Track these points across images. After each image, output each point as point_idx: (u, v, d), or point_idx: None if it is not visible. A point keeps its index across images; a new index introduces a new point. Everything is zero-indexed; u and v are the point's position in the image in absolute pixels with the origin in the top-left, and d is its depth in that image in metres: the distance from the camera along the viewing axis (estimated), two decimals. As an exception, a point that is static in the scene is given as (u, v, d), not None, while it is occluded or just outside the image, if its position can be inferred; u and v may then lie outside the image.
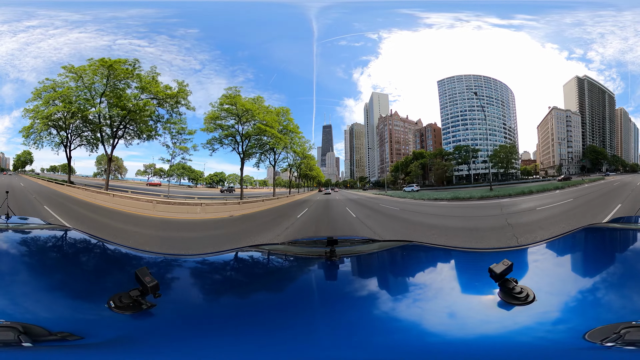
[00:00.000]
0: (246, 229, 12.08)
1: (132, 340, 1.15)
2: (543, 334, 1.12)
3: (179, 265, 2.06)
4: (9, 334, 1.00)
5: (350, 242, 2.51)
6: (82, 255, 2.09)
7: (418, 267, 2.14)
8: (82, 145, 19.25)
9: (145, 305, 1.28)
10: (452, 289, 1.67)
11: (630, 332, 0.99)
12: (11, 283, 1.45)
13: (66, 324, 1.16)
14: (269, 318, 1.32)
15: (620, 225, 2.61)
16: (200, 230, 11.88)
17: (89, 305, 1.37)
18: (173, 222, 12.70)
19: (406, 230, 11.25)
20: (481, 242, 8.66)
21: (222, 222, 13.62)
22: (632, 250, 2.04)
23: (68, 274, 1.69)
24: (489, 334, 1.18)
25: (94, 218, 12.35)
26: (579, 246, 2.28)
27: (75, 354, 1.03)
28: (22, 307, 1.27)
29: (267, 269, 2.15)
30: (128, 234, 9.92)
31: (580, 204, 13.51)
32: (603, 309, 1.25)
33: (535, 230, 9.36)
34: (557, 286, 1.54)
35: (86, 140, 19.04)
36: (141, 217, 12.85)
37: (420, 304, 1.47)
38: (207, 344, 1.11)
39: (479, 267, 1.77)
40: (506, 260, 1.35)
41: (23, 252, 1.92)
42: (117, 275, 1.77)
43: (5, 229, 2.34)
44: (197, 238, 10.50)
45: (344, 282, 1.82)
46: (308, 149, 25.83)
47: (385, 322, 1.30)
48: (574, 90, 26.16)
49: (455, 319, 1.29)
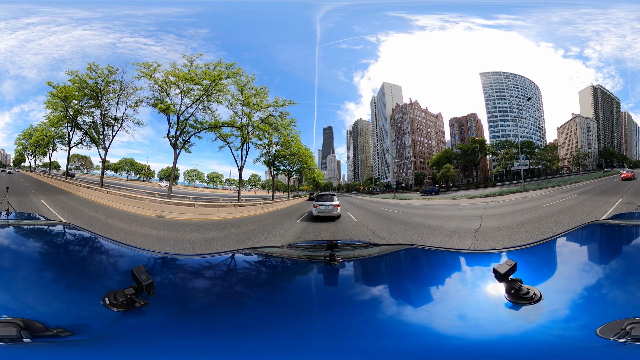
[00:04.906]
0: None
1: (119, 337, 1.14)
2: (560, 332, 1.11)
3: (175, 264, 2.05)
4: (11, 330, 1.02)
5: (350, 246, 2.49)
6: (82, 252, 2.08)
7: (421, 270, 2.11)
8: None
9: (138, 303, 1.28)
10: (458, 291, 1.65)
11: (635, 327, 1.00)
12: (12, 279, 1.46)
13: (62, 320, 1.16)
14: (264, 322, 1.30)
15: (622, 221, 2.60)
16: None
17: (84, 301, 1.38)
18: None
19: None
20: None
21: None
22: (634, 246, 2.03)
23: (66, 271, 1.70)
24: (508, 334, 1.17)
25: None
26: (581, 243, 2.27)
27: (63, 351, 1.03)
28: (23, 303, 1.28)
29: (264, 272, 2.13)
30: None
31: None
32: (608, 305, 1.25)
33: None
34: (562, 284, 1.53)
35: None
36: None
37: (426, 307, 1.44)
38: (196, 346, 1.10)
39: (483, 268, 1.75)
40: (510, 260, 1.34)
41: (23, 248, 1.92)
42: (114, 273, 1.77)
43: (6, 224, 2.34)
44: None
45: (344, 286, 1.79)
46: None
47: (392, 326, 1.28)
48: (590, 98, 31.01)
49: (466, 321, 1.27)
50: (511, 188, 23.14)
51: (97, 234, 2.27)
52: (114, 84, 19.39)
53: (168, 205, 15.44)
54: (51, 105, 20.00)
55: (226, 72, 19.10)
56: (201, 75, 18.58)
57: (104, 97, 19.67)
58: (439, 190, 27.09)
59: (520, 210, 14.62)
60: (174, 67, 18.41)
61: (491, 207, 16.82)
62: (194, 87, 18.80)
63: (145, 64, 18.18)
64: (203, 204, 16.71)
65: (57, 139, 23.12)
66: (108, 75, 19.16)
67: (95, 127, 20.84)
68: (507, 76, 28.95)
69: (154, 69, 18.27)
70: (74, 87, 18.94)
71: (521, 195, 20.39)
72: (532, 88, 29.92)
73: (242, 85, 20.19)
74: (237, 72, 19.58)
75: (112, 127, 20.60)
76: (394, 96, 31.47)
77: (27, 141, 24.95)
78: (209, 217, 15.65)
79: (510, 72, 28.97)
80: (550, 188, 22.07)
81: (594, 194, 17.24)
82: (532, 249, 2.04)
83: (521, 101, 28.70)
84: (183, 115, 19.31)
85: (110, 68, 19.17)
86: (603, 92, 31.11)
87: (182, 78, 18.30)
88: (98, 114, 20.28)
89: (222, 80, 19.14)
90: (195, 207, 15.88)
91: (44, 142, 23.43)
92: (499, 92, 28.82)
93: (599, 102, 31.39)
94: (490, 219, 12.94)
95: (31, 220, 2.78)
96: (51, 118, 20.90)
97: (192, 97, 19.11)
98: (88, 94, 19.38)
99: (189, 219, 14.54)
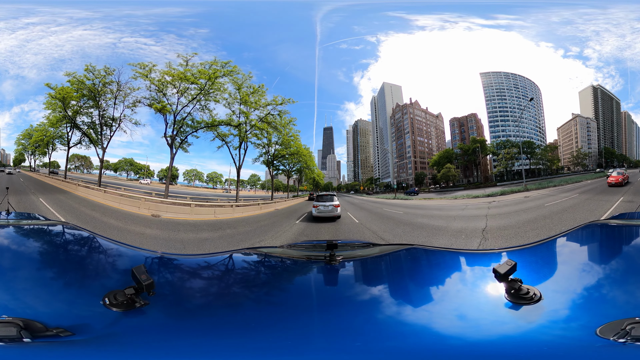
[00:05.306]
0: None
1: (119, 337, 1.14)
2: (560, 332, 1.11)
3: (175, 264, 2.05)
4: (11, 330, 1.02)
5: (350, 246, 2.49)
6: (82, 252, 2.08)
7: (421, 270, 2.11)
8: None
9: (138, 303, 1.28)
10: (458, 291, 1.64)
11: (635, 327, 1.01)
12: (12, 279, 1.46)
13: (62, 320, 1.16)
14: (264, 322, 1.30)
15: (622, 221, 2.59)
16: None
17: (84, 301, 1.38)
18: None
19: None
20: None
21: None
22: (634, 246, 2.02)
23: (66, 270, 1.70)
24: (508, 334, 1.17)
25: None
26: (581, 243, 2.27)
27: (63, 351, 1.03)
28: (23, 303, 1.28)
29: (264, 272, 2.12)
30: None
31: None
32: (609, 305, 1.25)
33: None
34: (562, 284, 1.53)
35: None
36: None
37: (426, 307, 1.44)
38: (196, 346, 1.10)
39: (483, 268, 1.75)
40: (510, 260, 1.34)
41: (24, 247, 1.92)
42: (114, 273, 1.77)
43: (6, 224, 2.34)
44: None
45: (344, 286, 1.79)
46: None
47: (392, 326, 1.28)
48: (590, 98, 31.19)
49: (466, 321, 1.27)
50: (513, 188, 23.25)
51: (97, 233, 2.27)
52: (112, 84, 19.52)
53: (164, 205, 15.46)
54: (50, 106, 20.14)
55: (222, 70, 19.12)
56: (197, 74, 18.59)
57: (101, 97, 19.78)
58: (419, 191, 28.28)
59: (525, 209, 14.66)
60: (170, 66, 18.46)
61: (494, 206, 16.84)
62: (191, 86, 18.84)
63: (141, 64, 18.26)
64: (199, 204, 16.64)
65: (57, 139, 23.30)
66: (105, 76, 19.25)
67: (93, 127, 20.94)
68: (508, 76, 29.07)
69: (150, 69, 18.33)
70: (72, 88, 19.03)
71: (523, 194, 20.44)
72: (532, 88, 30.01)
73: (239, 83, 20.22)
74: (233, 70, 19.62)
75: (110, 127, 20.68)
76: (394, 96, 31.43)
77: (27, 141, 25.08)
78: (205, 217, 15.62)
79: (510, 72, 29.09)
80: (552, 187, 22.07)
81: (595, 192, 17.33)
82: (532, 249, 2.04)
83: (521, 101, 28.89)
84: (180, 115, 19.37)
85: (107, 69, 19.32)
86: (603, 92, 31.32)
87: (177, 77, 18.32)
88: (96, 114, 20.42)
89: (218, 79, 19.14)
90: (192, 207, 15.87)
91: (44, 142, 23.62)
92: (499, 92, 28.92)
93: (599, 102, 31.61)
94: (495, 219, 12.96)
95: (31, 220, 2.79)
96: (50, 118, 21.05)
97: (188, 96, 19.16)
98: (86, 94, 19.48)
99: (185, 219, 14.54)
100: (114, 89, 19.62)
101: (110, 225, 11.88)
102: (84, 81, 18.99)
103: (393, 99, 31.36)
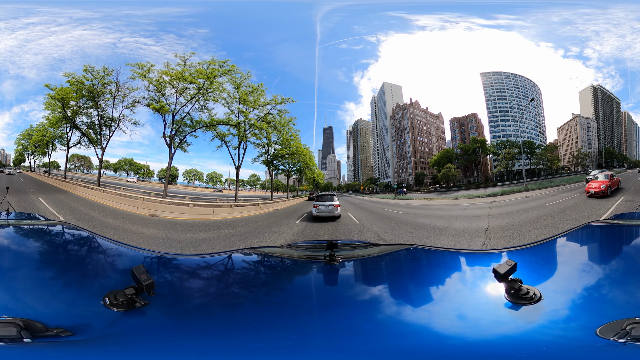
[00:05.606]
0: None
1: (120, 337, 1.14)
2: (559, 332, 1.11)
3: (175, 264, 2.05)
4: (12, 330, 1.02)
5: (350, 246, 2.49)
6: (81, 252, 2.08)
7: (420, 270, 2.11)
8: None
9: (138, 303, 1.28)
10: (458, 291, 1.64)
11: (635, 327, 1.00)
12: (13, 279, 1.46)
13: (62, 320, 1.16)
14: (265, 322, 1.30)
15: (621, 221, 2.59)
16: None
17: (84, 301, 1.38)
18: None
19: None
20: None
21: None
22: (634, 246, 2.02)
23: (67, 270, 1.70)
24: (507, 334, 1.17)
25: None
26: (581, 243, 2.27)
27: (63, 351, 1.03)
28: (23, 303, 1.28)
29: (264, 272, 2.12)
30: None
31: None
32: (609, 305, 1.25)
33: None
34: (562, 284, 1.52)
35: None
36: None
37: (426, 307, 1.44)
38: (196, 346, 1.10)
39: (483, 268, 1.75)
40: (509, 260, 1.34)
41: (24, 247, 1.92)
42: (114, 273, 1.77)
43: (6, 225, 2.34)
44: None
45: (344, 286, 1.79)
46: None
47: (392, 326, 1.28)
48: (590, 98, 31.29)
49: (466, 321, 1.27)
50: (513, 188, 23.24)
51: (97, 233, 2.27)
52: (110, 85, 19.53)
53: (163, 205, 15.44)
54: (50, 106, 20.19)
55: (220, 69, 19.10)
56: (195, 74, 18.58)
57: (100, 98, 19.80)
58: (407, 191, 29.04)
59: (526, 209, 14.66)
60: (168, 66, 18.46)
61: (496, 206, 16.83)
62: (189, 86, 18.83)
63: (139, 65, 18.27)
64: (198, 204, 16.56)
65: (57, 139, 23.34)
66: (104, 77, 19.26)
67: (93, 127, 20.97)
68: (508, 76, 29.10)
69: (148, 69, 18.33)
70: (71, 88, 19.05)
71: (524, 194, 20.42)
72: (533, 88, 30.03)
73: (237, 83, 20.20)
74: (231, 70, 19.58)
75: (109, 127, 20.71)
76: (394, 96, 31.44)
77: (27, 141, 25.12)
78: (203, 217, 15.57)
79: (510, 72, 29.10)
80: (553, 187, 22.06)
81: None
82: (532, 249, 2.04)
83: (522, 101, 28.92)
84: (179, 115, 19.37)
85: (105, 69, 19.32)
86: (603, 92, 31.37)
87: (175, 77, 18.32)
88: (96, 115, 20.46)
89: (217, 79, 19.13)
90: (190, 207, 15.76)
91: (44, 142, 23.69)
92: (500, 92, 28.95)
93: (599, 102, 31.67)
94: (497, 218, 12.98)
95: (31, 220, 2.78)
96: (50, 119, 21.09)
97: (187, 96, 19.15)
98: (85, 95, 19.48)
99: (183, 219, 14.51)
100: (113, 89, 19.69)
101: (108, 224, 11.93)
102: (82, 82, 19.02)
103: (393, 99, 31.39)
